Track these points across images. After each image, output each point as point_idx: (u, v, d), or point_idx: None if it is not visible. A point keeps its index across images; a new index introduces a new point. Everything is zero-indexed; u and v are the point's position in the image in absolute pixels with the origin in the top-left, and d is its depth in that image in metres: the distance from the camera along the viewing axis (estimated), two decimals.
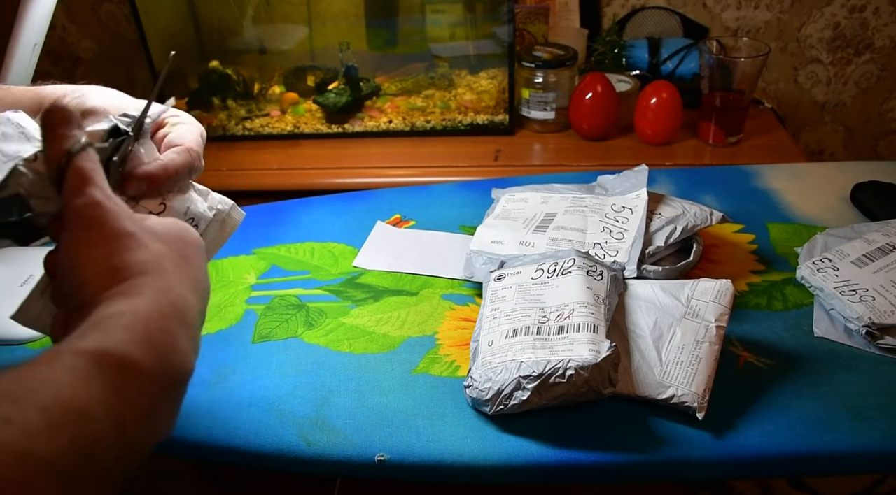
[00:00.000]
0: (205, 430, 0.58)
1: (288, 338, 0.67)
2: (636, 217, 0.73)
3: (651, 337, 0.60)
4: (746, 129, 1.33)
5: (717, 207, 0.74)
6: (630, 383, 0.57)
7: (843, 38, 1.55)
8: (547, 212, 0.76)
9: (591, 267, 0.64)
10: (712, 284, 0.63)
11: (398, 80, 1.44)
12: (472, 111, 1.40)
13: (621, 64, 1.45)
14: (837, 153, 1.71)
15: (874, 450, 0.54)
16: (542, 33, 1.50)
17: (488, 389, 0.56)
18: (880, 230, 0.73)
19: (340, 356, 0.65)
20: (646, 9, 1.53)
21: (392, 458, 0.55)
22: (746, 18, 1.54)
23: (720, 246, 0.77)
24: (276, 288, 0.74)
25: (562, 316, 0.59)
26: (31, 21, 0.76)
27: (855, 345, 0.63)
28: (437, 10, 1.38)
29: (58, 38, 1.62)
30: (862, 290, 0.65)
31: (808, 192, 0.86)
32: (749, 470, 0.55)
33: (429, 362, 0.63)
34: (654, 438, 0.55)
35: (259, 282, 0.75)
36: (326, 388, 0.61)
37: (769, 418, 0.56)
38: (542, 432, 0.56)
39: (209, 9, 1.43)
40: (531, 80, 1.33)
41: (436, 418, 0.58)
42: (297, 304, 0.72)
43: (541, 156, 1.35)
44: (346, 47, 1.39)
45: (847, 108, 1.64)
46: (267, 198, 0.93)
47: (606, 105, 1.30)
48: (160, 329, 0.36)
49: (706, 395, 0.55)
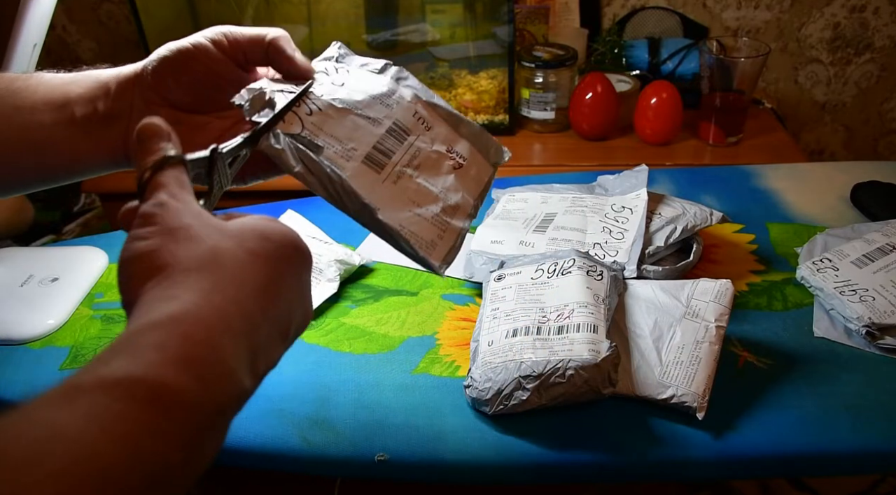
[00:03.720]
0: None
1: None
2: (636, 217, 0.73)
3: (651, 337, 0.60)
4: (746, 129, 1.33)
5: (717, 207, 0.74)
6: (630, 383, 0.57)
7: (843, 38, 1.55)
8: (547, 212, 0.76)
9: (591, 267, 0.64)
10: (712, 284, 0.63)
11: None
12: (472, 111, 1.40)
13: (621, 64, 1.45)
14: (837, 153, 1.71)
15: (874, 450, 0.54)
16: (542, 33, 1.50)
17: (488, 389, 0.56)
18: (880, 230, 0.73)
19: (340, 356, 0.65)
20: (646, 9, 1.53)
21: (392, 458, 0.55)
22: (746, 18, 1.54)
23: (720, 246, 0.77)
24: None
25: (562, 316, 0.59)
26: (31, 21, 0.75)
27: (855, 345, 0.63)
28: (437, 10, 1.38)
29: (58, 38, 1.62)
30: (862, 290, 0.65)
31: (808, 192, 0.86)
32: (749, 470, 0.55)
33: (429, 362, 0.63)
34: (654, 438, 0.55)
35: None
36: (326, 388, 0.61)
37: (769, 418, 0.56)
38: (542, 432, 0.56)
39: (209, 9, 1.43)
40: (531, 80, 1.33)
41: (436, 418, 0.58)
42: None
43: (541, 156, 1.35)
44: None
45: (847, 108, 1.64)
46: (267, 198, 0.93)
47: (606, 105, 1.30)
48: (199, 341, 0.30)
49: (706, 395, 0.55)
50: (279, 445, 0.56)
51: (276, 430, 0.57)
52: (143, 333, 0.29)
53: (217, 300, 0.32)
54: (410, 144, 0.52)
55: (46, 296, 0.72)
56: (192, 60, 0.49)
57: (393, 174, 0.50)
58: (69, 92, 0.49)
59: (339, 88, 0.51)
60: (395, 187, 0.49)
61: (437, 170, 0.53)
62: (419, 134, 0.53)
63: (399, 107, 0.52)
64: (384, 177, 0.49)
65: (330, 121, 0.49)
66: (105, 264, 0.78)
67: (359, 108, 0.50)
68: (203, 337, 0.30)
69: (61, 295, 0.73)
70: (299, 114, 0.48)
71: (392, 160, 0.50)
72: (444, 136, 0.54)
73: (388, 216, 0.48)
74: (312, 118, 0.48)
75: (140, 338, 0.29)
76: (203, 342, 0.30)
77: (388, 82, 0.54)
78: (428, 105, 0.54)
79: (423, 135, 0.53)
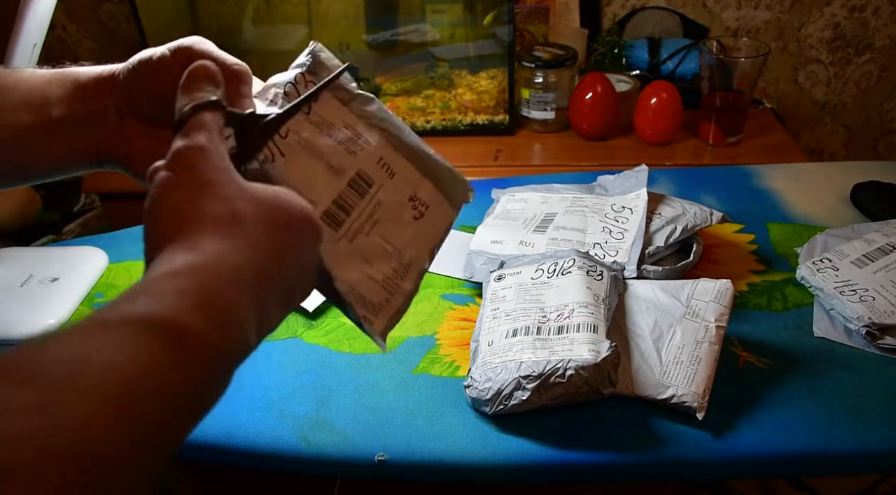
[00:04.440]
0: (205, 430, 0.58)
1: (288, 338, 0.67)
2: (636, 217, 0.73)
3: (651, 337, 0.60)
4: (746, 129, 1.33)
5: (717, 207, 0.74)
6: (630, 383, 0.57)
7: (843, 38, 1.55)
8: (547, 212, 0.76)
9: (591, 267, 0.64)
10: (712, 284, 0.63)
11: (398, 80, 1.44)
12: (472, 111, 1.40)
13: (621, 64, 1.45)
14: (837, 153, 1.71)
15: (874, 450, 0.54)
16: (542, 33, 1.50)
17: (488, 389, 0.56)
18: (880, 230, 0.73)
19: (340, 356, 0.65)
20: (646, 9, 1.53)
21: (392, 458, 0.55)
22: (746, 18, 1.54)
23: (720, 246, 0.77)
24: None
25: (562, 316, 0.59)
26: (31, 21, 0.75)
27: (855, 345, 0.63)
28: (437, 10, 1.38)
29: (58, 38, 1.62)
30: (862, 290, 0.65)
31: (808, 192, 0.86)
32: (749, 470, 0.55)
33: (429, 362, 0.63)
34: (654, 438, 0.55)
35: None
36: (326, 388, 0.61)
37: (769, 418, 0.56)
38: (542, 432, 0.56)
39: (209, 9, 1.43)
40: (531, 80, 1.33)
41: (436, 418, 0.58)
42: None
43: (541, 156, 1.35)
44: (346, 47, 1.39)
45: (847, 108, 1.64)
46: None
47: (606, 105, 1.30)
48: (215, 292, 0.32)
49: (706, 395, 0.55)
50: (279, 445, 0.56)
51: (276, 430, 0.57)
52: (165, 279, 0.32)
53: (234, 258, 0.34)
54: (372, 197, 0.48)
55: (46, 296, 0.72)
56: (156, 72, 0.47)
57: (350, 231, 0.46)
58: (47, 92, 0.49)
59: (307, 126, 0.46)
60: (350, 245, 0.46)
61: (396, 223, 0.49)
62: (382, 183, 0.48)
63: (364, 153, 0.48)
64: (341, 235, 0.45)
65: (294, 164, 0.45)
66: (105, 264, 0.78)
67: (324, 154, 0.46)
68: (219, 288, 0.32)
69: (61, 295, 0.73)
70: (273, 144, 0.44)
71: (351, 217, 0.46)
72: (408, 181, 0.50)
73: (340, 279, 0.44)
74: (281, 160, 0.44)
75: (162, 282, 0.31)
76: (219, 293, 0.32)
77: (355, 120, 0.49)
78: (395, 146, 0.50)
79: (386, 185, 0.49)
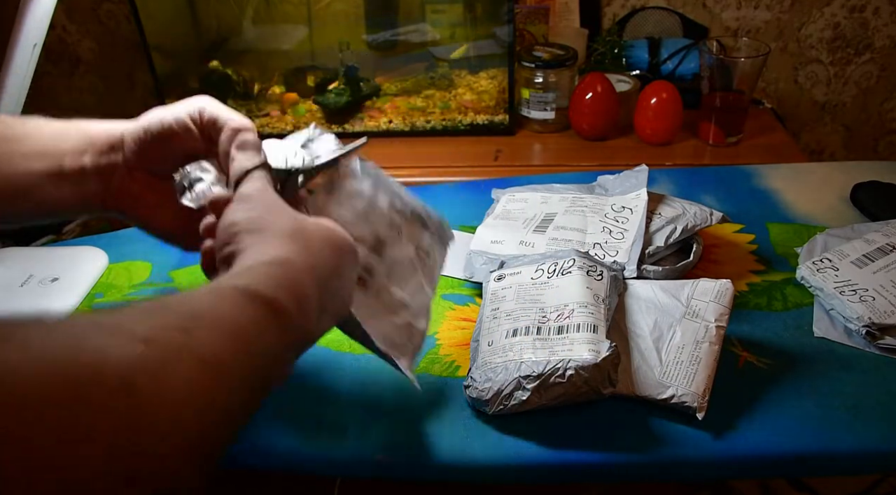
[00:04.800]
0: None
1: None
2: (636, 217, 0.73)
3: (651, 337, 0.60)
4: (746, 129, 1.33)
5: (717, 207, 0.74)
6: (630, 383, 0.57)
7: (843, 38, 1.55)
8: (547, 212, 0.76)
9: (591, 267, 0.64)
10: (712, 284, 0.63)
11: (398, 80, 1.44)
12: (472, 111, 1.40)
13: (621, 64, 1.45)
14: (837, 153, 1.71)
15: (874, 450, 0.54)
16: (542, 33, 1.50)
17: (488, 389, 0.56)
18: (880, 230, 0.73)
19: (340, 356, 0.65)
20: (646, 9, 1.53)
21: (392, 458, 0.55)
22: (746, 18, 1.54)
23: (720, 246, 0.77)
24: None
25: (562, 316, 0.59)
26: (31, 21, 0.75)
27: (855, 345, 0.63)
28: (437, 10, 1.38)
29: (58, 38, 1.62)
30: (862, 290, 0.65)
31: (808, 192, 0.86)
32: (749, 470, 0.55)
33: (429, 362, 0.63)
34: (654, 438, 0.55)
35: None
36: (326, 388, 0.61)
37: (769, 418, 0.56)
38: (542, 432, 0.56)
39: (209, 9, 1.43)
40: (531, 80, 1.33)
41: (436, 418, 0.58)
42: None
43: (541, 156, 1.35)
44: (346, 47, 1.39)
45: (847, 108, 1.64)
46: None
47: (606, 105, 1.30)
48: (297, 281, 0.38)
49: (706, 395, 0.55)
50: (279, 445, 0.56)
51: (277, 430, 0.57)
52: (257, 267, 0.38)
53: (304, 257, 0.40)
54: (388, 257, 0.54)
55: (46, 296, 0.72)
56: (178, 137, 0.53)
57: (374, 289, 0.52)
58: (59, 143, 0.54)
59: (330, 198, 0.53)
60: (376, 301, 0.52)
61: (408, 274, 0.55)
62: (394, 243, 0.54)
63: (378, 219, 0.54)
64: (371, 294, 0.52)
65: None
66: (105, 264, 0.78)
67: (349, 226, 0.51)
68: (300, 280, 0.38)
69: (61, 295, 0.73)
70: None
71: (374, 278, 0.52)
72: (412, 236, 0.56)
73: (373, 332, 0.50)
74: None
75: (256, 269, 0.38)
76: (300, 283, 0.38)
77: (368, 190, 0.54)
78: (398, 209, 0.56)
79: (397, 244, 0.55)
